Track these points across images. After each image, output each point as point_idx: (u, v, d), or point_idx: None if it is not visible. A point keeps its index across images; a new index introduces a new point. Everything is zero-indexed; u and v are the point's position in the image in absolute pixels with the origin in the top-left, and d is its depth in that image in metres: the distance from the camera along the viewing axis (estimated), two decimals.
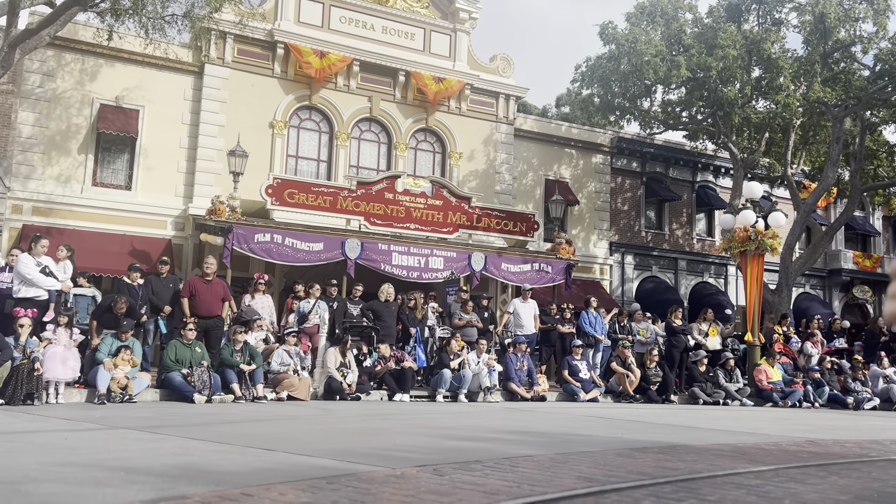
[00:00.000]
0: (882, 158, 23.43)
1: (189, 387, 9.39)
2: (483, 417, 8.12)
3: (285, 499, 2.87)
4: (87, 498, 2.86)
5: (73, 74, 17.12)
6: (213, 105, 18.07)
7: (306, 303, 12.27)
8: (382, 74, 19.81)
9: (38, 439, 5.08)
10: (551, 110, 38.90)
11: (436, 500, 2.92)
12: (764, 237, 14.65)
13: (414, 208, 16.51)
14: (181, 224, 17.43)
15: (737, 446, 5.43)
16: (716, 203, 25.24)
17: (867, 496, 3.34)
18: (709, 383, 13.76)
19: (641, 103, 22.65)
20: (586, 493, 3.14)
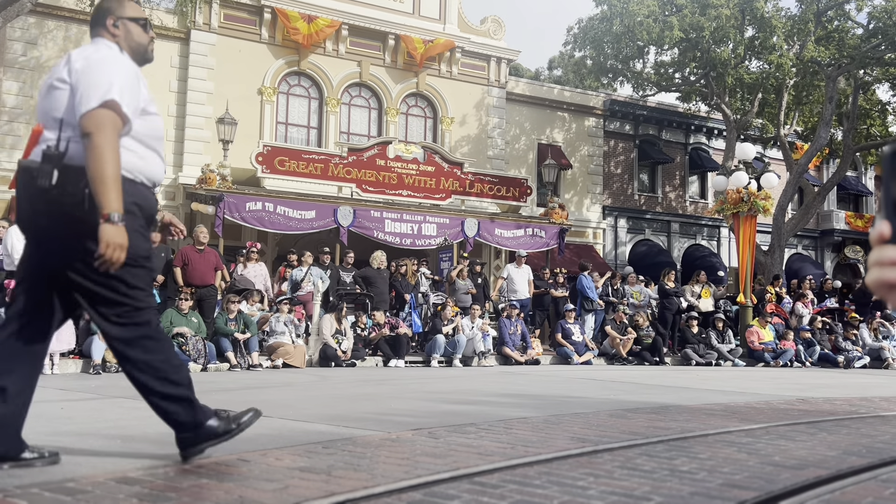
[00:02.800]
0: (875, 118, 23.37)
1: (184, 356, 9.41)
2: (477, 381, 8.19)
3: (281, 464, 2.89)
4: (85, 466, 2.88)
5: (56, 42, 16.84)
6: (201, 72, 17.83)
7: (298, 271, 12.27)
8: (372, 38, 19.56)
9: (34, 409, 5.09)
10: (544, 73, 38.54)
11: (431, 462, 2.95)
12: (756, 198, 14.67)
13: (406, 174, 16.44)
14: (171, 193, 17.32)
15: (728, 405, 5.50)
16: (709, 165, 25.21)
17: (856, 451, 3.39)
18: (701, 344, 13.90)
19: (634, 65, 22.45)
20: (580, 454, 3.18)
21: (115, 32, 2.89)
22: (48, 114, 2.73)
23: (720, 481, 2.65)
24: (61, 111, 2.69)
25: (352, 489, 2.42)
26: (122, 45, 2.90)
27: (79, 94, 2.64)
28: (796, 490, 2.55)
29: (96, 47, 2.83)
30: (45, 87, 2.80)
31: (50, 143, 2.64)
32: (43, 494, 2.33)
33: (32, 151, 2.73)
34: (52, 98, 2.73)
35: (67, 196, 2.61)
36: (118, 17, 2.90)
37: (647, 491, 2.48)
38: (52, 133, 2.68)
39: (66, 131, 2.66)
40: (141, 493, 2.36)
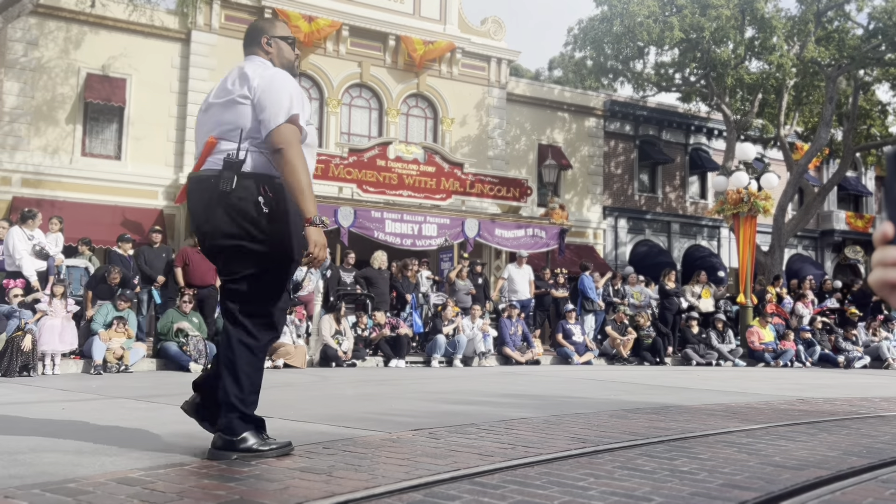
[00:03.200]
0: (875, 118, 23.37)
1: (185, 356, 9.43)
2: (478, 381, 8.19)
3: (282, 464, 2.90)
4: (86, 466, 2.88)
5: (57, 43, 16.84)
6: (202, 73, 17.84)
7: (299, 271, 12.26)
8: (372, 39, 19.56)
9: (35, 410, 5.10)
10: (544, 74, 38.54)
11: (432, 462, 2.96)
12: (756, 199, 14.67)
13: (406, 175, 16.44)
14: (172, 194, 17.33)
15: (728, 406, 5.50)
16: (709, 165, 25.20)
17: (856, 452, 3.39)
18: (701, 344, 13.90)
19: (634, 65, 22.45)
20: (580, 454, 3.18)
21: (268, 50, 3.22)
22: (226, 126, 3.02)
23: (721, 482, 2.65)
24: (242, 124, 2.99)
25: (352, 489, 2.42)
26: (275, 61, 3.21)
27: (265, 112, 2.96)
28: (797, 490, 2.56)
29: (262, 65, 3.14)
30: (221, 102, 3.07)
31: (230, 153, 2.94)
32: (44, 495, 2.34)
33: (207, 161, 3.01)
34: (234, 112, 3.01)
35: (241, 200, 2.91)
36: (271, 36, 3.23)
37: (648, 491, 2.48)
38: (230, 144, 2.98)
39: (245, 142, 2.97)
40: (142, 494, 2.36)
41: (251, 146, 2.98)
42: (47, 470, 2.77)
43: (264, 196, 2.93)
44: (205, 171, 3.00)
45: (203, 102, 3.21)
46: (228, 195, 2.90)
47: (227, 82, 3.12)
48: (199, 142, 3.16)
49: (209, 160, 3.01)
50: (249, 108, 3.00)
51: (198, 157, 3.08)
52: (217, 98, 3.11)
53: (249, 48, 3.24)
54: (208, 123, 3.10)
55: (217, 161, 2.97)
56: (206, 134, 3.09)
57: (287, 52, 3.25)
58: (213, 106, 3.11)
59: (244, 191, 2.92)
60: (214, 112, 3.09)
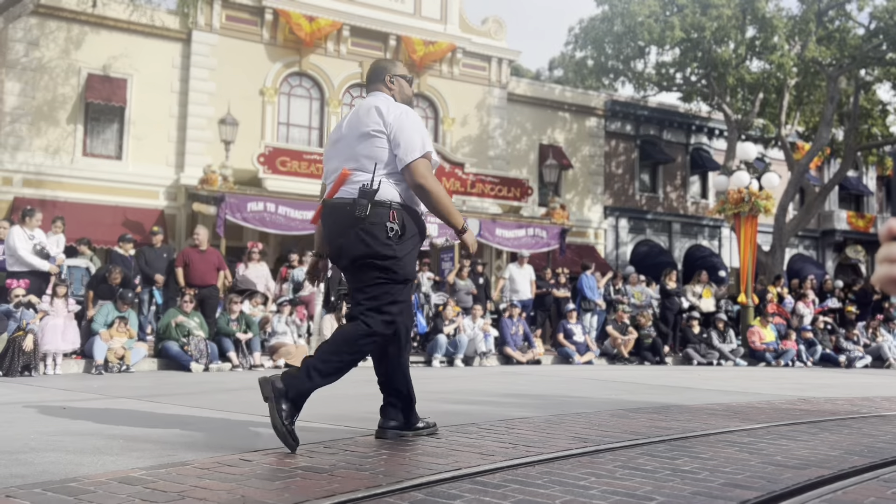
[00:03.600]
0: (876, 117, 23.36)
1: (186, 356, 9.43)
2: (479, 381, 8.19)
3: (284, 463, 2.90)
4: (87, 466, 2.88)
5: (58, 43, 16.86)
6: (202, 73, 17.85)
7: (300, 270, 12.27)
8: (373, 39, 19.57)
9: (36, 409, 5.11)
10: (544, 74, 38.53)
11: (433, 461, 2.96)
12: (758, 198, 14.66)
13: None
14: (173, 194, 17.34)
15: (730, 405, 5.49)
16: (710, 165, 25.20)
17: (858, 451, 3.39)
18: (702, 344, 13.89)
19: (635, 65, 22.45)
20: (581, 454, 3.18)
21: (390, 87, 3.58)
22: (361, 156, 3.37)
23: (722, 481, 2.65)
24: (377, 157, 3.35)
25: (354, 489, 2.42)
26: (397, 97, 3.58)
27: (401, 148, 3.32)
28: (798, 490, 2.55)
29: (387, 100, 3.49)
30: (356, 135, 3.41)
31: (365, 182, 3.30)
32: (45, 494, 2.34)
33: (341, 190, 3.37)
34: (369, 144, 3.36)
35: (373, 225, 3.28)
36: (393, 75, 3.60)
37: (649, 491, 2.48)
38: (364, 175, 3.33)
39: (380, 172, 3.33)
40: (143, 493, 2.36)
41: (384, 176, 3.33)
42: (48, 469, 2.77)
43: (392, 221, 3.31)
44: (340, 198, 3.36)
45: (333, 133, 3.57)
46: (363, 220, 3.27)
47: (358, 115, 3.45)
48: (329, 169, 3.53)
49: (343, 189, 3.37)
50: (384, 140, 3.34)
51: (330, 184, 3.46)
52: (349, 130, 3.44)
53: (374, 84, 3.59)
54: (342, 154, 3.45)
55: (352, 190, 3.33)
56: (339, 163, 3.44)
57: (406, 88, 3.64)
58: (346, 137, 3.45)
59: (376, 217, 3.28)
60: (348, 143, 3.43)
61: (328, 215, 3.42)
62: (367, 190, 3.28)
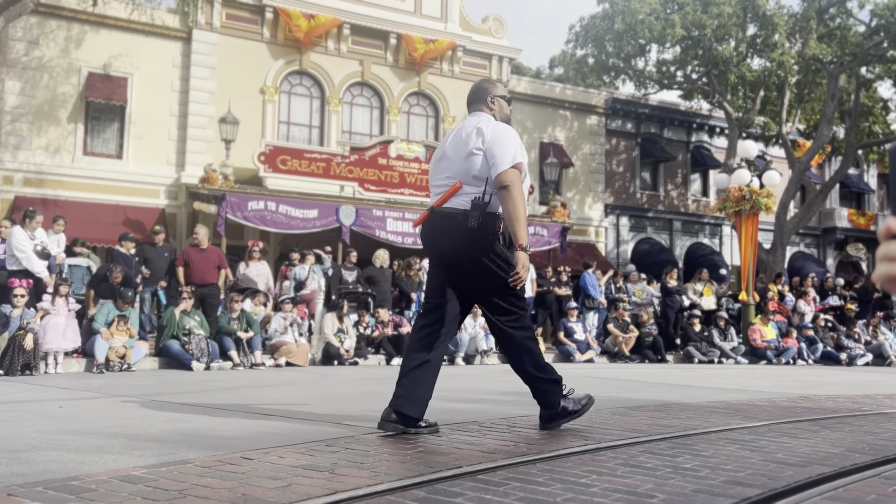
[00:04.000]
0: (877, 115, 23.33)
1: (187, 354, 9.43)
2: (480, 379, 8.19)
3: (285, 462, 2.90)
4: (89, 464, 2.88)
5: (58, 42, 16.85)
6: (203, 71, 17.84)
7: (301, 269, 12.28)
8: (373, 37, 19.55)
9: (37, 408, 5.11)
10: (545, 72, 38.50)
11: (434, 459, 2.96)
12: (758, 196, 14.65)
13: (408, 173, 16.45)
14: (174, 193, 17.34)
15: (731, 403, 5.49)
16: (711, 163, 25.17)
17: (859, 449, 3.39)
18: (703, 342, 13.89)
19: (636, 63, 22.43)
20: (583, 451, 3.18)
21: (491, 107, 3.93)
22: (469, 173, 3.71)
23: (723, 478, 2.65)
24: (483, 172, 3.69)
25: (355, 487, 2.42)
26: (497, 116, 3.92)
27: (495, 158, 3.64)
28: (800, 487, 2.55)
29: (488, 120, 3.84)
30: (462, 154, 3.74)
31: (476, 196, 3.67)
32: (47, 493, 2.34)
33: (450, 201, 3.72)
34: (473, 162, 3.71)
35: (484, 235, 3.66)
36: (494, 96, 3.95)
37: (651, 488, 2.48)
38: (474, 188, 3.69)
39: (488, 187, 3.68)
40: (144, 492, 2.36)
41: (490, 190, 3.70)
42: (50, 468, 2.78)
43: (499, 230, 3.72)
44: (450, 208, 3.72)
45: (437, 151, 3.93)
46: (474, 231, 3.64)
47: (462, 135, 3.80)
48: (436, 182, 3.87)
49: (453, 200, 3.72)
50: (483, 158, 3.69)
51: (438, 195, 3.80)
52: (453, 148, 3.81)
53: (475, 105, 3.94)
54: (448, 169, 3.79)
55: (463, 202, 3.69)
56: (445, 177, 3.79)
57: (505, 108, 3.99)
58: (450, 156, 3.80)
59: (485, 226, 3.66)
60: (454, 160, 3.77)
61: (437, 223, 3.78)
62: (478, 203, 3.66)
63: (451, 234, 3.71)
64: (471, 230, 3.63)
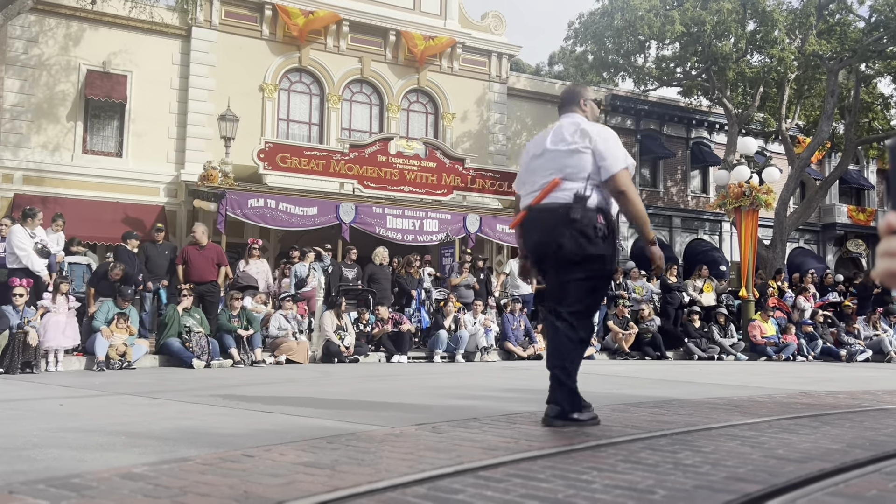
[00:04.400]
0: (877, 111, 23.31)
1: (187, 352, 9.44)
2: (480, 376, 8.20)
3: (286, 458, 2.90)
4: (90, 462, 2.89)
5: (57, 40, 16.84)
6: (202, 69, 17.83)
7: (302, 266, 12.28)
8: (372, 34, 19.53)
9: (38, 406, 5.11)
10: (544, 69, 38.46)
11: (435, 456, 2.96)
12: (758, 192, 14.64)
13: (408, 171, 16.44)
14: (174, 190, 17.34)
15: (731, 399, 5.49)
16: (710, 159, 25.16)
17: (859, 444, 3.39)
18: (703, 339, 13.89)
19: (635, 60, 22.40)
20: (583, 448, 3.18)
21: (584, 109, 4.11)
22: (570, 169, 3.83)
23: (724, 474, 2.65)
24: (586, 169, 3.82)
25: (356, 484, 2.42)
26: (589, 117, 4.10)
27: (606, 160, 3.80)
28: (800, 483, 2.55)
29: (587, 121, 4.03)
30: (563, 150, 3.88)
31: (577, 190, 3.78)
32: (48, 490, 2.34)
33: (549, 196, 3.83)
34: (577, 158, 3.84)
35: (585, 226, 3.75)
36: (586, 99, 4.14)
37: (651, 484, 2.48)
38: (574, 184, 3.81)
39: (589, 182, 3.81)
40: (145, 489, 2.36)
41: (590, 185, 3.82)
42: (51, 465, 2.78)
43: (599, 223, 3.79)
44: (550, 203, 3.82)
45: (535, 147, 4.05)
46: (576, 221, 3.74)
47: (563, 133, 3.93)
48: (530, 179, 3.99)
49: (552, 195, 3.82)
50: (589, 155, 3.83)
51: (534, 192, 3.91)
52: (555, 146, 3.93)
53: (569, 106, 4.11)
54: (548, 166, 3.90)
55: (564, 196, 3.79)
56: (545, 174, 3.89)
57: (595, 110, 4.20)
58: (551, 152, 3.92)
59: (587, 219, 3.75)
60: (554, 157, 3.90)
61: (536, 218, 3.89)
62: (580, 196, 3.77)
63: (551, 226, 3.80)
64: (572, 220, 3.74)
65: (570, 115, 4.07)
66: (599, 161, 3.81)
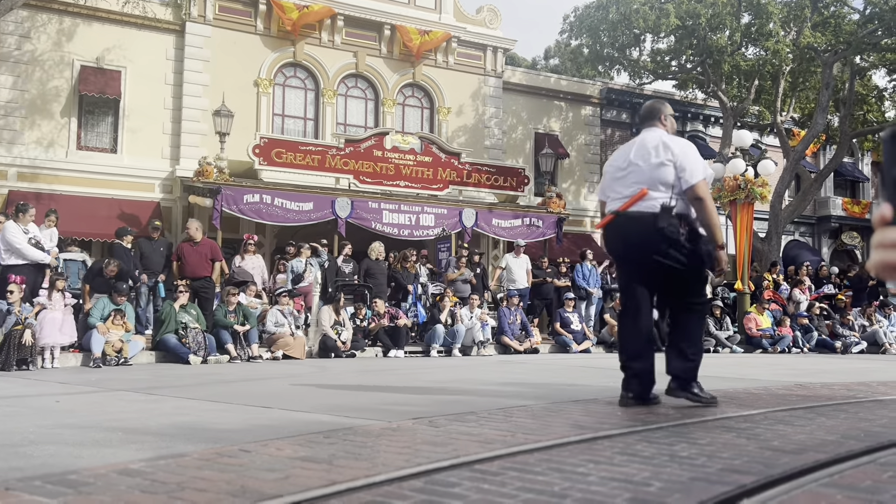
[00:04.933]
0: (871, 103, 23.34)
1: (184, 348, 9.44)
2: (477, 370, 8.21)
3: (283, 454, 2.90)
4: (86, 458, 2.88)
5: (50, 35, 16.75)
6: (197, 64, 17.76)
7: (298, 261, 12.27)
8: (367, 28, 19.47)
9: (34, 403, 5.11)
10: (540, 62, 38.42)
11: (431, 450, 2.96)
12: (753, 185, 14.66)
13: (403, 165, 16.41)
14: (169, 186, 17.29)
15: (727, 391, 5.51)
16: (706, 152, 25.12)
17: (854, 436, 3.40)
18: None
19: (630, 53, 22.39)
20: (579, 441, 3.19)
21: (664, 123, 4.58)
22: (657, 181, 4.31)
23: (720, 466, 2.66)
24: (669, 180, 4.30)
25: (353, 478, 2.43)
26: (668, 130, 4.57)
27: (686, 171, 4.28)
28: (796, 474, 2.57)
29: (669, 135, 4.50)
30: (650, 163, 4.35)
31: (664, 201, 4.27)
32: (45, 486, 2.34)
33: (637, 205, 4.31)
34: (662, 172, 4.31)
35: (672, 233, 4.26)
36: (665, 114, 4.61)
37: (647, 476, 2.49)
38: (660, 193, 4.29)
39: (674, 192, 4.30)
40: (142, 485, 2.37)
41: (675, 195, 4.30)
42: (48, 462, 2.78)
43: (683, 228, 4.30)
44: (638, 211, 4.31)
45: (619, 160, 4.55)
46: (664, 228, 4.23)
47: (648, 147, 4.39)
48: (616, 188, 4.48)
49: (640, 204, 4.30)
50: (672, 168, 4.29)
51: (622, 199, 4.39)
52: (639, 159, 4.40)
53: (650, 121, 4.59)
54: (634, 177, 4.38)
55: (651, 205, 4.27)
56: (631, 184, 4.37)
57: (673, 124, 4.68)
58: (636, 164, 4.39)
59: (672, 225, 4.26)
60: (641, 169, 4.36)
61: (624, 224, 4.38)
62: (667, 206, 4.26)
63: (641, 233, 4.31)
64: (660, 229, 4.23)
65: (651, 129, 4.55)
66: (680, 172, 4.28)
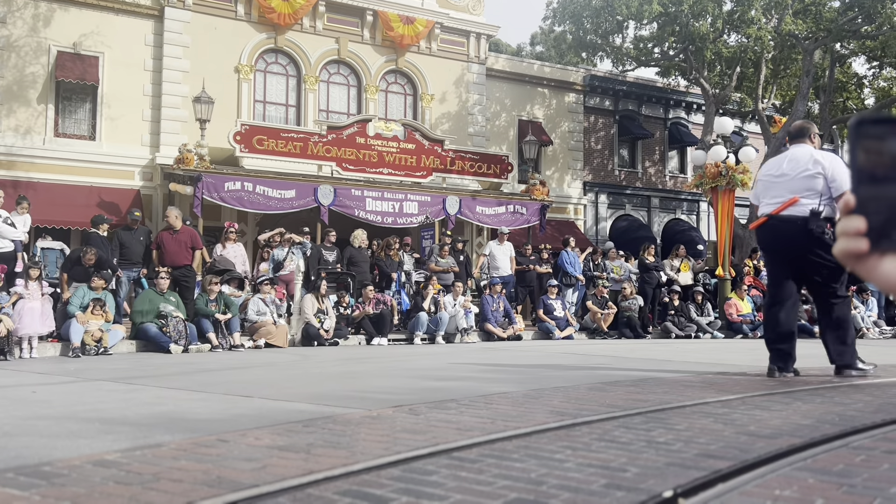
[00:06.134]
0: (851, 91, 23.54)
1: (165, 337, 9.37)
2: (459, 357, 8.23)
3: (261, 443, 2.89)
4: (61, 449, 2.86)
5: (26, 21, 16.46)
6: (176, 50, 17.53)
7: (280, 250, 12.20)
8: (349, 14, 19.31)
9: (11, 394, 5.05)
10: (526, 48, 38.34)
11: (410, 438, 2.97)
12: (735, 172, 14.76)
13: (386, 153, 16.34)
14: (149, 174, 17.11)
15: (706, 377, 5.56)
16: (688, 140, 25.29)
17: (829, 420, 3.45)
18: (680, 317, 14.04)
19: (613, 40, 22.39)
20: (558, 427, 3.21)
21: (813, 141, 5.42)
22: (807, 189, 5.12)
23: (696, 451, 2.69)
24: (818, 189, 5.10)
25: (330, 467, 2.42)
26: (816, 146, 5.39)
27: (836, 182, 5.06)
28: (770, 458, 2.60)
29: (819, 151, 5.30)
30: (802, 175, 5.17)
31: (813, 207, 5.08)
32: (18, 478, 2.32)
33: (788, 209, 5.14)
34: (813, 182, 5.12)
35: (820, 234, 5.05)
36: (814, 133, 5.46)
37: (624, 462, 2.51)
38: (809, 200, 5.10)
39: (822, 199, 5.08)
40: (117, 476, 2.35)
41: (823, 202, 5.07)
42: (22, 453, 2.75)
43: (828, 229, 5.02)
44: (790, 215, 5.14)
45: (773, 169, 5.40)
46: (813, 230, 5.06)
47: (800, 161, 5.21)
48: (770, 194, 5.31)
49: (791, 209, 5.13)
50: (822, 179, 5.10)
51: (775, 204, 5.22)
52: (792, 171, 5.23)
53: (800, 139, 5.42)
54: (788, 186, 5.20)
55: (801, 211, 5.10)
56: (784, 191, 5.20)
57: (819, 141, 5.48)
58: (788, 174, 5.23)
59: (820, 228, 5.06)
60: (793, 179, 5.19)
61: (777, 227, 5.23)
62: (816, 211, 5.06)
63: (793, 234, 5.13)
64: (810, 231, 5.03)
65: (801, 145, 5.37)
66: (830, 182, 5.07)
